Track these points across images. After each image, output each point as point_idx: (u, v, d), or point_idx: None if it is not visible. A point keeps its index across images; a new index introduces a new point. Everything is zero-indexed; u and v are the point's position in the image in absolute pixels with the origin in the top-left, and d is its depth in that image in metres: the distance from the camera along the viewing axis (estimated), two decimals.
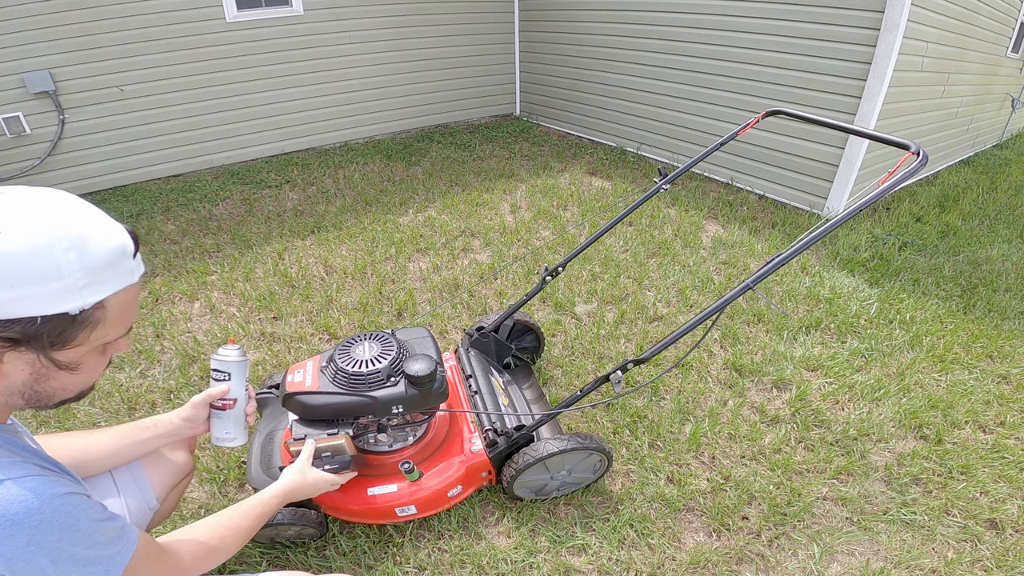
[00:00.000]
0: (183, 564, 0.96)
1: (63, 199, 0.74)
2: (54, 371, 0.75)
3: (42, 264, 0.67)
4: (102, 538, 0.77)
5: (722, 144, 1.83)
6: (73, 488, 0.76)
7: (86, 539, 0.75)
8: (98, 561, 0.76)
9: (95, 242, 0.72)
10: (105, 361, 0.84)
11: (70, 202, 0.74)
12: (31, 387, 0.75)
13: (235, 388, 1.24)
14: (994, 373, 2.36)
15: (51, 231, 0.68)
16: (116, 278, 0.75)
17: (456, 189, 4.14)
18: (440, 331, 2.57)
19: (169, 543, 0.97)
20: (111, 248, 0.74)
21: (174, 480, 1.30)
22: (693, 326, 1.38)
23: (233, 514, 1.12)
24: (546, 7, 5.38)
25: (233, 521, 1.11)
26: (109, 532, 0.79)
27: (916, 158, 1.23)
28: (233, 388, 1.23)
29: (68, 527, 0.72)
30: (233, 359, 1.23)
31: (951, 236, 3.58)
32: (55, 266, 0.68)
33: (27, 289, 0.66)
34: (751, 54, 3.87)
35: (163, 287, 2.89)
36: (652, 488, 1.79)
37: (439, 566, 1.56)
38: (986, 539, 1.66)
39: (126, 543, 0.81)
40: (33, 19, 3.61)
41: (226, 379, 1.23)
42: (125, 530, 0.83)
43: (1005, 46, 4.93)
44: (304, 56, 4.74)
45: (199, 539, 1.02)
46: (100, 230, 0.74)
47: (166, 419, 1.23)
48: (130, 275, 0.78)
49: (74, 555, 0.73)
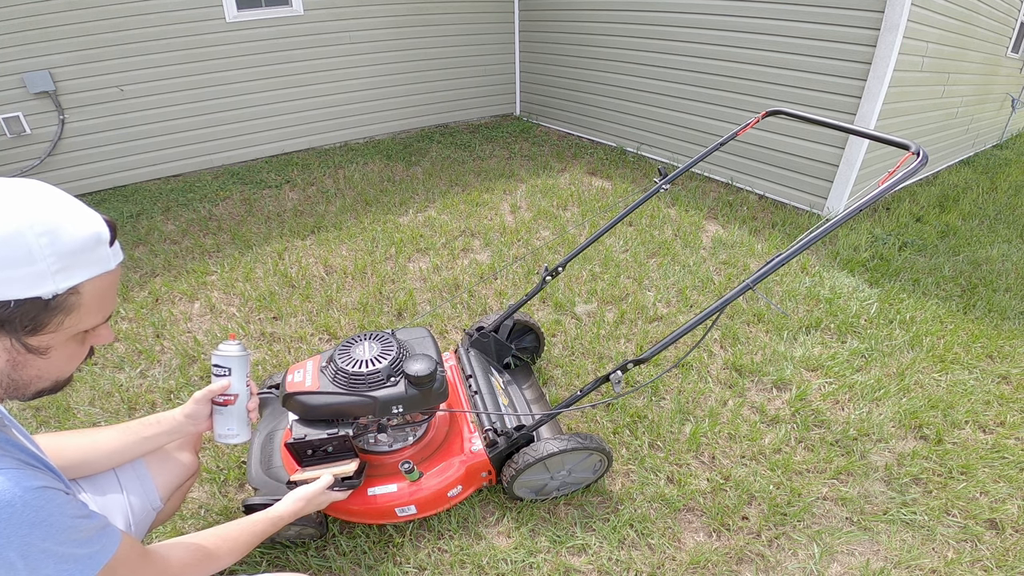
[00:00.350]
0: (171, 570, 0.93)
1: (37, 188, 0.74)
2: (29, 357, 0.75)
3: (13, 249, 0.67)
4: (78, 536, 0.76)
5: (722, 144, 1.83)
6: (50, 483, 0.75)
7: (59, 535, 0.74)
8: (73, 559, 0.75)
9: (68, 228, 0.72)
10: (84, 351, 0.83)
11: (44, 190, 0.74)
12: (8, 375, 0.75)
13: (236, 384, 1.23)
14: (994, 373, 2.36)
15: (23, 217, 0.68)
16: (91, 265, 0.75)
17: (456, 189, 4.14)
18: (440, 331, 2.57)
19: (157, 547, 0.95)
20: (85, 235, 0.74)
21: (179, 480, 1.30)
22: (693, 326, 1.38)
23: (231, 527, 1.12)
24: (546, 7, 5.38)
25: (231, 533, 1.10)
26: (87, 530, 0.78)
27: (916, 158, 1.23)
28: (234, 384, 1.23)
29: (40, 521, 0.71)
30: (234, 354, 1.23)
31: (951, 236, 3.58)
32: (27, 251, 0.68)
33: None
34: (751, 54, 3.87)
35: (163, 287, 2.89)
36: (652, 488, 1.79)
37: (439, 566, 1.56)
38: (986, 539, 1.66)
39: (106, 543, 0.80)
40: (33, 19, 3.61)
41: (226, 374, 1.23)
42: (106, 530, 0.82)
43: (1005, 46, 4.93)
44: (304, 56, 4.74)
45: (190, 544, 1.01)
46: (74, 217, 0.74)
47: (169, 416, 1.23)
48: (106, 262, 0.78)
49: (46, 550, 0.72)
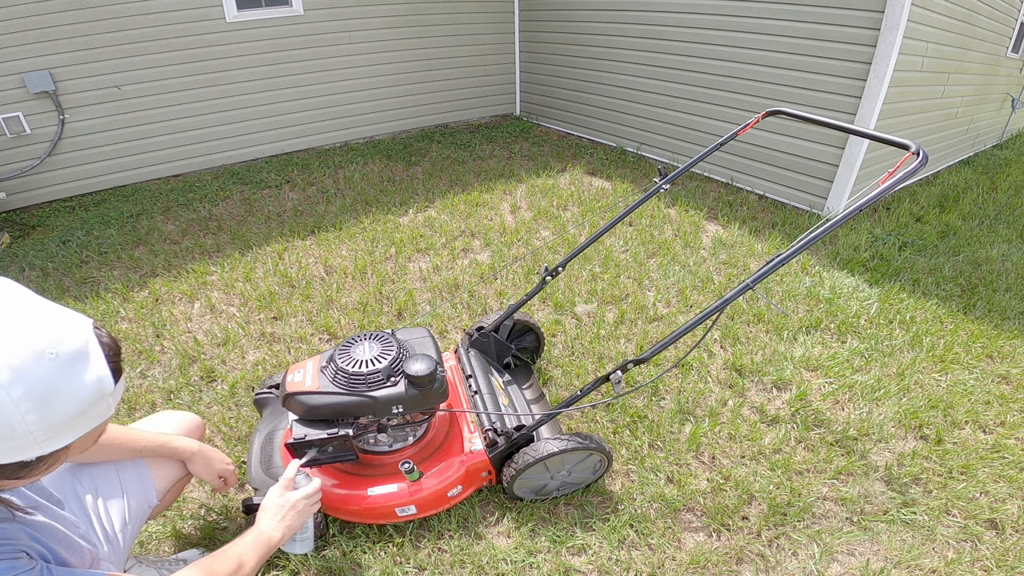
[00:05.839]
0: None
1: (24, 320, 0.63)
2: (6, 482, 0.71)
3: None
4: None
5: (722, 144, 1.83)
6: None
7: None
8: None
9: (62, 397, 0.63)
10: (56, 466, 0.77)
11: (36, 337, 0.62)
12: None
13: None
14: (994, 373, 2.35)
15: (7, 393, 0.60)
16: (87, 422, 0.68)
17: (456, 189, 4.14)
18: (440, 331, 2.57)
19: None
20: (83, 398, 0.65)
21: (176, 478, 1.31)
22: (693, 326, 1.38)
23: (231, 550, 1.10)
24: (546, 7, 5.38)
25: (236, 549, 1.10)
26: None
27: (916, 158, 1.23)
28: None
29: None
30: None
31: (951, 236, 3.58)
32: (9, 428, 0.61)
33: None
34: (751, 54, 3.87)
35: (163, 287, 2.89)
36: (652, 488, 1.79)
37: (439, 566, 1.56)
38: (986, 539, 1.66)
39: None
40: (33, 19, 3.61)
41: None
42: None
43: (1005, 46, 4.93)
44: (304, 56, 4.74)
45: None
46: (71, 377, 0.64)
47: (187, 449, 1.30)
48: (105, 412, 0.69)
49: None
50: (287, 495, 1.27)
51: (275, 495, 1.26)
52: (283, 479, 1.30)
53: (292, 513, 1.25)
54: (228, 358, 2.38)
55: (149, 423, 1.35)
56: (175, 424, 1.37)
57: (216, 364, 2.33)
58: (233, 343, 2.45)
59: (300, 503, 1.27)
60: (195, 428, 1.42)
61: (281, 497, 1.26)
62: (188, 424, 1.40)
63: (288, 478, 1.30)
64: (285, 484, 1.29)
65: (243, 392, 2.17)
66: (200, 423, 1.45)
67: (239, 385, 2.20)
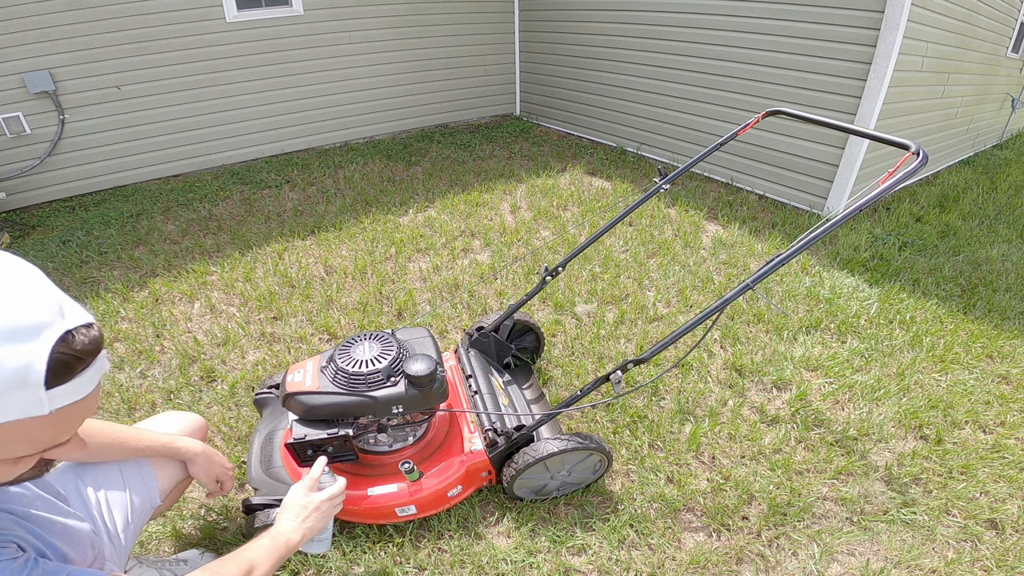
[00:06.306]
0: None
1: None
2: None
3: None
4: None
5: (722, 144, 1.83)
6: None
7: None
8: None
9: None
10: (19, 468, 0.72)
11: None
12: None
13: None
14: (994, 373, 2.35)
15: None
16: (6, 409, 0.63)
17: (456, 189, 4.14)
18: (440, 331, 2.57)
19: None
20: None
21: (179, 478, 1.31)
22: (693, 326, 1.38)
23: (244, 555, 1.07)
24: (546, 7, 5.38)
25: (248, 554, 1.07)
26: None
27: (916, 158, 1.23)
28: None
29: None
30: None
31: (951, 236, 3.58)
32: None
33: None
34: (751, 54, 3.87)
35: (163, 287, 2.89)
36: (652, 488, 1.79)
37: (439, 566, 1.56)
38: (986, 539, 1.66)
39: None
40: (33, 19, 3.61)
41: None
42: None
43: (1005, 46, 4.93)
44: (304, 56, 4.74)
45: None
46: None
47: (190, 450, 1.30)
48: (27, 409, 0.63)
49: None
50: (312, 496, 1.22)
51: (299, 495, 1.22)
52: (308, 479, 1.25)
53: (315, 515, 1.20)
54: (228, 358, 2.38)
55: (153, 423, 1.35)
56: (179, 425, 1.37)
57: (216, 364, 2.33)
58: (233, 343, 2.46)
59: (324, 504, 1.22)
60: (198, 429, 1.41)
61: (305, 497, 1.21)
62: (192, 425, 1.40)
63: (314, 478, 1.25)
64: (310, 484, 1.24)
65: (243, 392, 2.17)
66: (203, 424, 1.44)
67: (239, 385, 2.20)
